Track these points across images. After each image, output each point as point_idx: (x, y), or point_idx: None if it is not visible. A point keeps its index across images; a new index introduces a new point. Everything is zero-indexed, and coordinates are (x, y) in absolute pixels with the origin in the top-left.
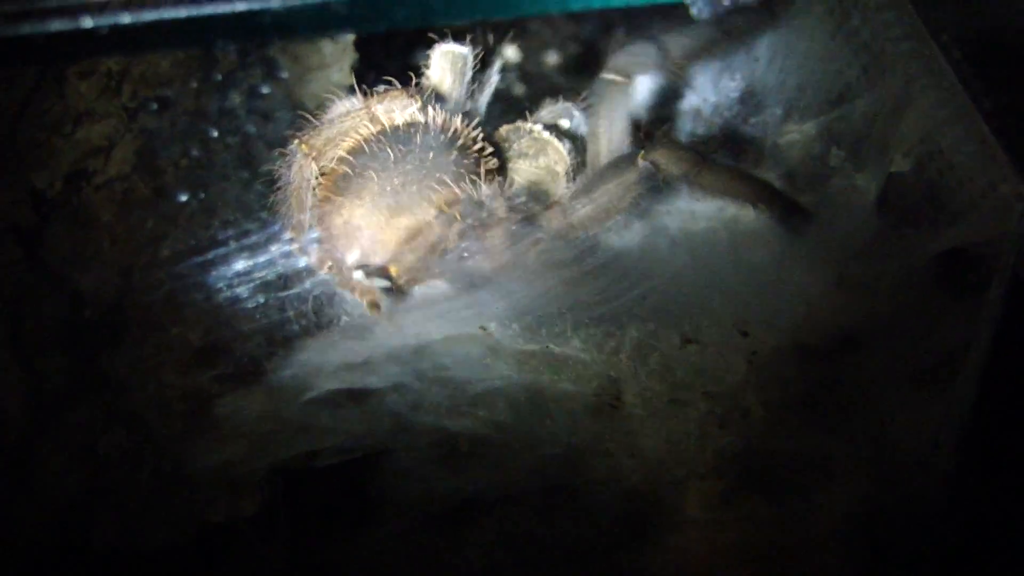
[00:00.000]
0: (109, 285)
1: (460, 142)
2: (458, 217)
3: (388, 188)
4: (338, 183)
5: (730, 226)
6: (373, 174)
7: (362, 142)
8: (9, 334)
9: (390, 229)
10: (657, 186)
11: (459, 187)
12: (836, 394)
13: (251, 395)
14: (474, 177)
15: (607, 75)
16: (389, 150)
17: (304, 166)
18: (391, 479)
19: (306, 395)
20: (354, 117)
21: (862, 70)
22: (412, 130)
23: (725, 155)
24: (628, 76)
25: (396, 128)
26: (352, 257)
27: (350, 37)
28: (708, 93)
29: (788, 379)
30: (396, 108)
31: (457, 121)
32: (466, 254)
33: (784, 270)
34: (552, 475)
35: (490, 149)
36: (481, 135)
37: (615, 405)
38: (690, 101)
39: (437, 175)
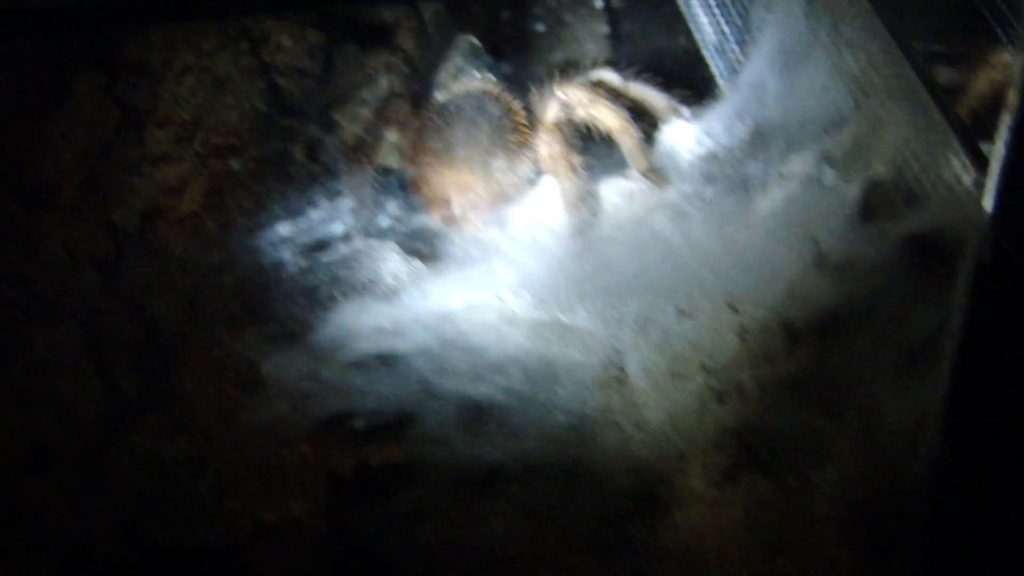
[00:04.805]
0: (179, 310)
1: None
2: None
3: (472, 152)
4: (428, 153)
5: (716, 207)
6: (456, 144)
7: (430, 120)
8: (88, 350)
9: (483, 184)
10: None
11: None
12: (825, 375)
13: (294, 354)
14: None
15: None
16: (457, 122)
17: (367, 171)
18: (420, 445)
19: (342, 356)
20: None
21: (853, 99)
22: (464, 100)
23: (734, 188)
24: None
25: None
26: (459, 210)
27: None
28: (722, 139)
29: (778, 357)
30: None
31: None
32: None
33: (767, 249)
34: (567, 445)
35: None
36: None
37: (621, 378)
38: (707, 146)
39: (504, 132)
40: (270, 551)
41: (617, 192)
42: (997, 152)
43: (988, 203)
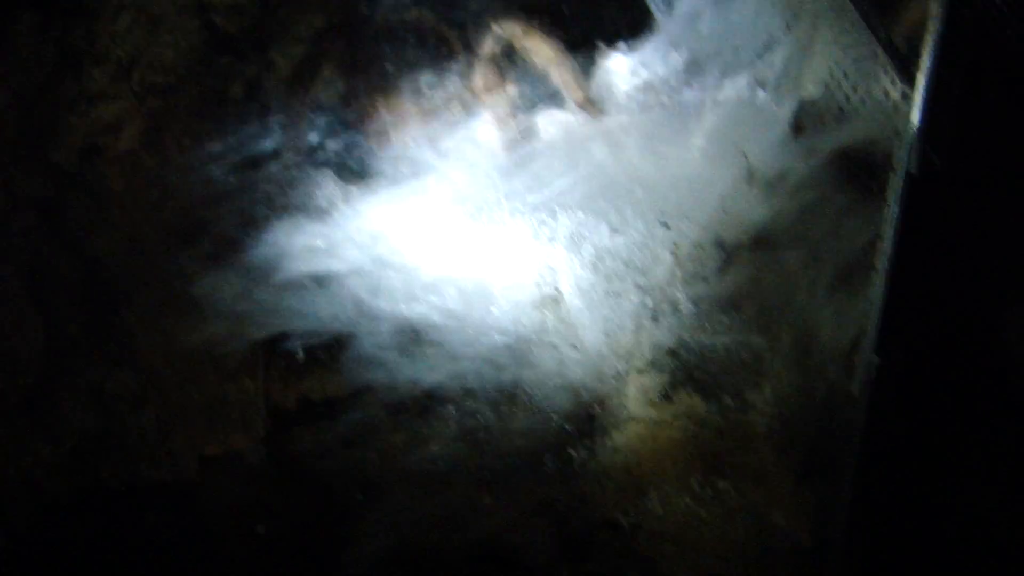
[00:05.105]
0: (120, 247)
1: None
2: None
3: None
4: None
5: (650, 132)
6: (391, 66)
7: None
8: (28, 290)
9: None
10: None
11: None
12: (759, 292)
13: (227, 275)
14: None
15: None
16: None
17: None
18: (357, 368)
19: (275, 277)
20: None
21: (785, 23)
22: (401, 28)
23: (669, 115)
24: None
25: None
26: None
27: None
28: (658, 68)
29: (711, 274)
30: None
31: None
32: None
33: (699, 167)
34: (504, 365)
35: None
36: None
37: (555, 297)
38: (642, 76)
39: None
40: (213, 483)
41: (552, 122)
42: (923, 65)
43: (915, 116)
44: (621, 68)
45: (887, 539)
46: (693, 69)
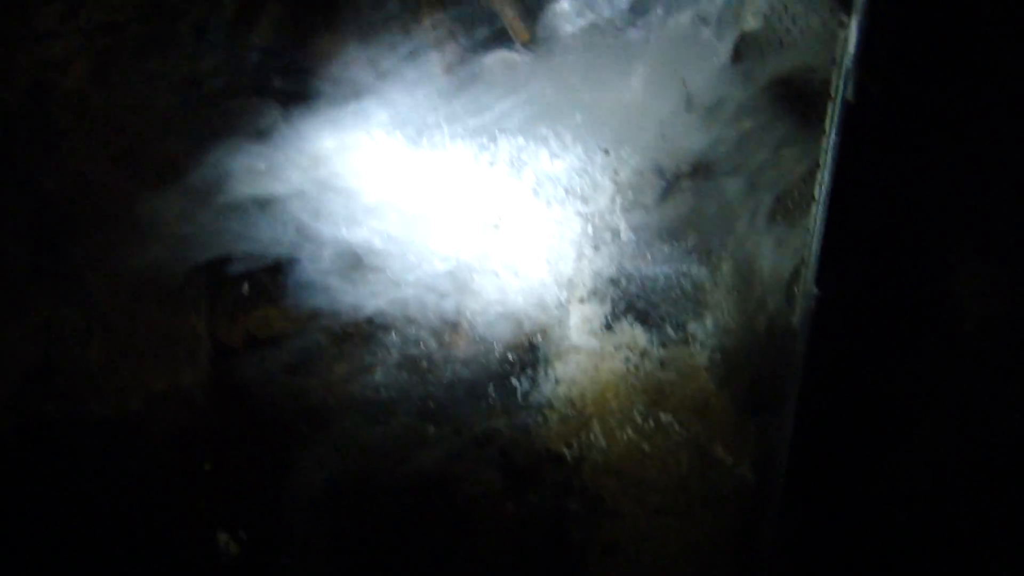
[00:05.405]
0: (67, 184)
1: None
2: None
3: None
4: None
5: (586, 48)
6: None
7: None
8: None
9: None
10: None
11: None
12: (699, 223)
13: (168, 196)
14: None
15: None
16: None
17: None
18: (298, 292)
19: (217, 198)
20: None
21: None
22: None
23: (613, 52)
24: None
25: None
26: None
27: None
28: (603, 10)
29: (651, 202)
30: None
31: None
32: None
33: (638, 96)
34: (445, 292)
35: None
36: None
37: (496, 223)
38: (588, 18)
39: None
40: (159, 419)
41: (498, 60)
42: None
43: (852, 45)
44: (567, 9)
45: (828, 470)
46: (638, 9)
